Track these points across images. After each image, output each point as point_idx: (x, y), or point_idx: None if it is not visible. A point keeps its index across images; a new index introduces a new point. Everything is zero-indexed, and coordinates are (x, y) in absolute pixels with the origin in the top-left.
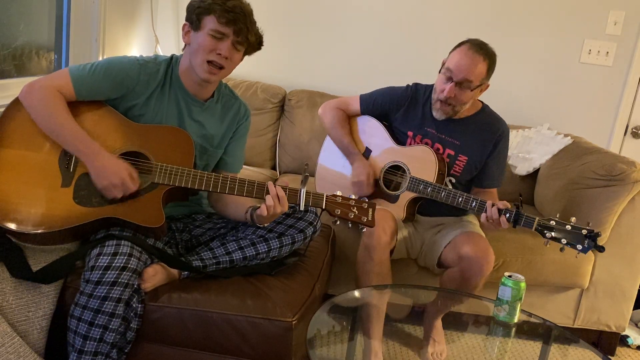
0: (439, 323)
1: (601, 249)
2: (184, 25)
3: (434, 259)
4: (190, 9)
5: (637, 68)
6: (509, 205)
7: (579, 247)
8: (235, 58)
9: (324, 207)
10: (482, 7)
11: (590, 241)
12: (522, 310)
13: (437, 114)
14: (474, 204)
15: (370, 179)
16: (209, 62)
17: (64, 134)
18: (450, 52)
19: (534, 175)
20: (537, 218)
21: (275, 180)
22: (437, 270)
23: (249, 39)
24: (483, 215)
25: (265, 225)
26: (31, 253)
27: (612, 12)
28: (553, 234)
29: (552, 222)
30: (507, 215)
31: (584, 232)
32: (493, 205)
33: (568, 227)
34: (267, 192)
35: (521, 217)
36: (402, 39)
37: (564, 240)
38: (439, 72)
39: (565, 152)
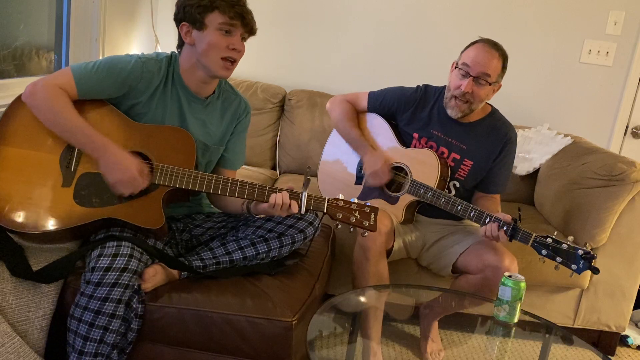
0: (435, 322)
1: (596, 270)
2: (183, 25)
3: (447, 265)
4: (186, 8)
5: (637, 68)
6: (508, 218)
7: (574, 267)
8: (244, 50)
9: (325, 211)
10: (482, 7)
11: (586, 262)
12: (522, 310)
13: (453, 112)
14: (472, 213)
15: (385, 166)
16: (222, 58)
17: (73, 131)
18: (462, 52)
19: (534, 175)
20: (534, 234)
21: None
22: (444, 274)
23: (254, 29)
24: (482, 228)
25: (262, 216)
26: (31, 253)
27: (612, 12)
28: (548, 251)
29: (549, 240)
30: (505, 228)
31: (580, 252)
32: (494, 221)
33: (564, 245)
34: (267, 199)
35: (518, 232)
36: (402, 39)
37: (558, 259)
38: (452, 69)
39: (565, 152)
